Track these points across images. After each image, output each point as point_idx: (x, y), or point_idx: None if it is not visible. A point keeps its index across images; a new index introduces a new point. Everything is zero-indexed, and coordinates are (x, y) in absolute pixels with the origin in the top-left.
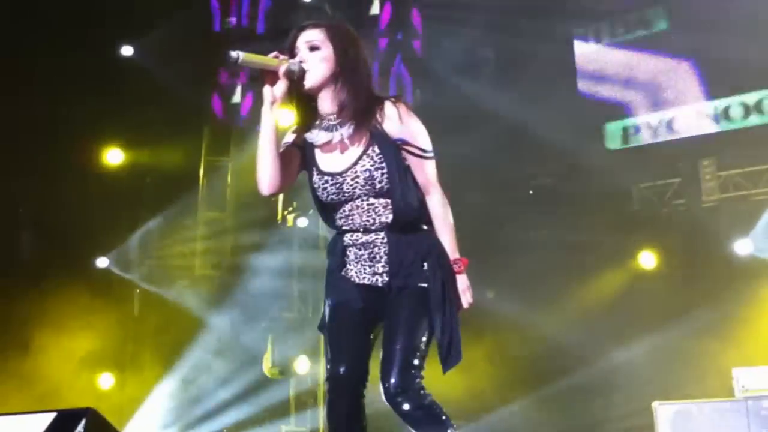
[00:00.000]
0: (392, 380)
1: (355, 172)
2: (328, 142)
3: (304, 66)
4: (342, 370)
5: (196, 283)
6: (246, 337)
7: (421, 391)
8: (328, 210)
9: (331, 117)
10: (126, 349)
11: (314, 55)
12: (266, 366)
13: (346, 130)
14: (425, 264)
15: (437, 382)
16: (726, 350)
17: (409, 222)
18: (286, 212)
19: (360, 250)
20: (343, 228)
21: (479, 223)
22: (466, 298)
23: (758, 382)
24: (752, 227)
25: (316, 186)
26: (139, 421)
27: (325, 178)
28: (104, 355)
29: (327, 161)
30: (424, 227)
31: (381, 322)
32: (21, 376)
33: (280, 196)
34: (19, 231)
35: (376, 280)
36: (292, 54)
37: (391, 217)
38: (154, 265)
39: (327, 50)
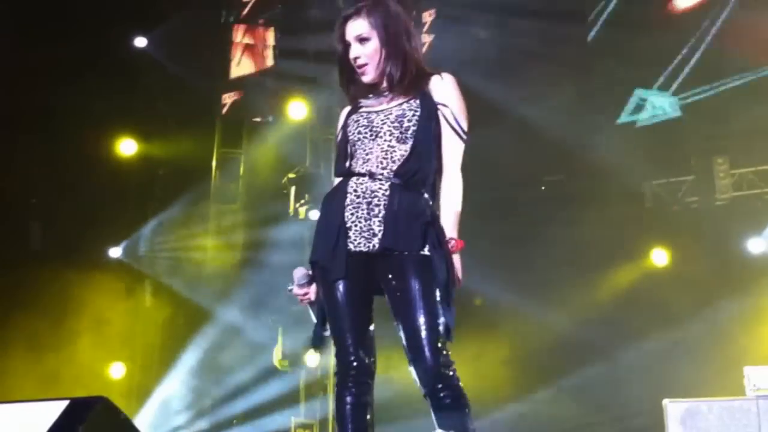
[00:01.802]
0: (429, 364)
1: (390, 111)
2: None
3: (360, 61)
4: (350, 362)
5: (207, 275)
6: (256, 329)
7: (453, 372)
8: (347, 150)
9: (384, 90)
10: (137, 339)
11: (366, 47)
12: (276, 358)
13: (400, 101)
14: (427, 230)
15: None
16: (737, 348)
17: (418, 179)
18: (298, 205)
19: (359, 198)
20: (353, 170)
21: (492, 219)
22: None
23: None
24: (766, 225)
25: (350, 122)
26: (149, 411)
27: (362, 113)
28: (115, 345)
29: (370, 105)
30: (429, 198)
31: (379, 291)
32: (32, 366)
33: (292, 189)
34: (32, 221)
35: (373, 245)
36: (345, 47)
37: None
38: (165, 256)
39: (375, 38)
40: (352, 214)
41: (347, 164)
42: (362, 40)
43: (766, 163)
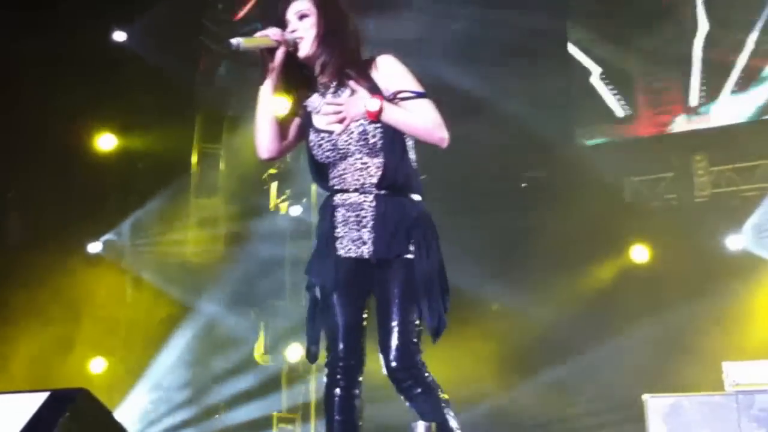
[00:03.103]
0: (394, 359)
1: (350, 129)
2: None
3: (297, 35)
4: (340, 359)
5: (187, 270)
6: (237, 324)
7: (422, 369)
8: (322, 170)
9: (329, 83)
10: (117, 334)
11: (304, 22)
12: (258, 353)
13: (346, 95)
14: (411, 234)
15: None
16: (716, 344)
17: (399, 185)
18: (279, 200)
19: (348, 211)
20: (335, 188)
21: (471, 214)
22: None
23: (748, 376)
24: (744, 223)
25: (312, 144)
26: (129, 405)
27: (321, 135)
28: (96, 340)
29: (323, 120)
30: (415, 197)
31: (370, 295)
32: (12, 360)
33: (273, 185)
34: (10, 215)
35: (362, 252)
36: (282, 26)
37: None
38: (145, 250)
39: (313, 15)
40: (343, 225)
41: (325, 180)
42: (302, 16)
43: (744, 161)
